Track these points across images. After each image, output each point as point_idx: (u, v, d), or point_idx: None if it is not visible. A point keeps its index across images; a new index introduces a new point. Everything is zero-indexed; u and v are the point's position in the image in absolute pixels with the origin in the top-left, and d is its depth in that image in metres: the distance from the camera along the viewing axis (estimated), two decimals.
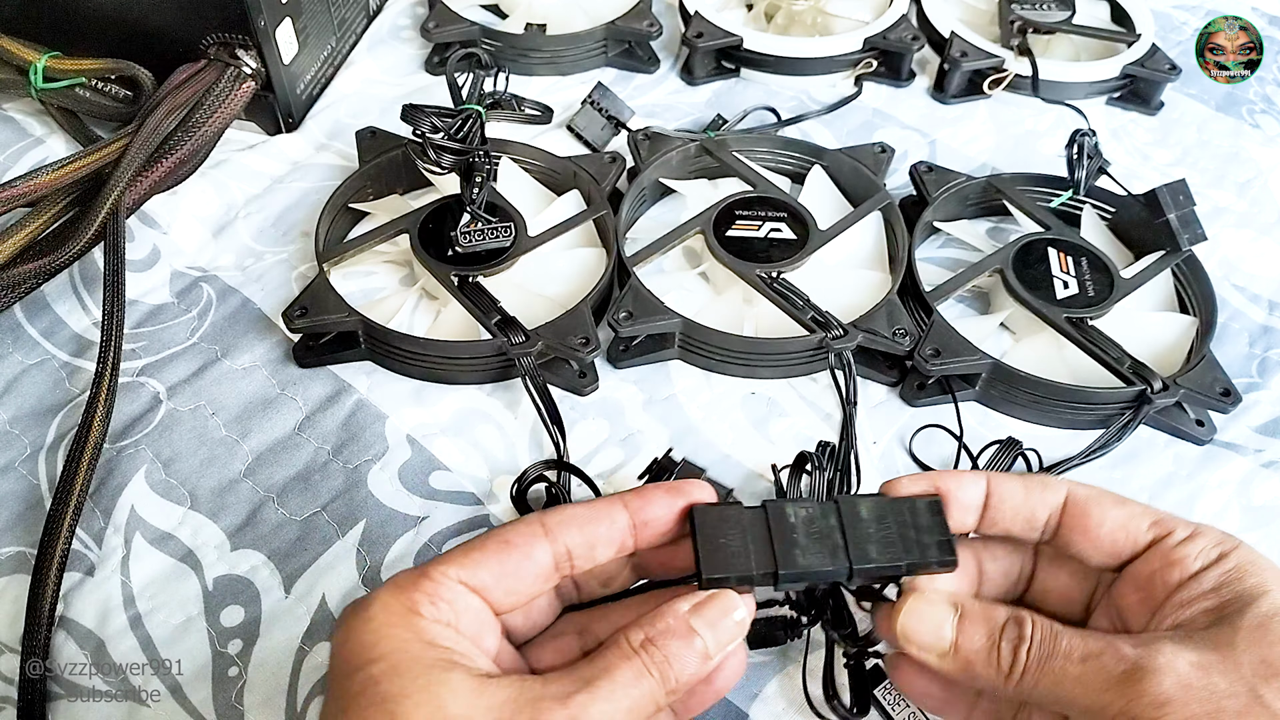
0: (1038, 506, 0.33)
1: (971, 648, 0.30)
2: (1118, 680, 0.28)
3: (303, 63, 0.60)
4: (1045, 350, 0.50)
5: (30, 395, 0.47)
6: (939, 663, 0.31)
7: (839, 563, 0.31)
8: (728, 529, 0.31)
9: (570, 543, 0.31)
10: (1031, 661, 0.29)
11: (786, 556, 0.30)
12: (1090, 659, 0.29)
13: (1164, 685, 0.27)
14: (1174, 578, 0.31)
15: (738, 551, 0.31)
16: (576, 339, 0.46)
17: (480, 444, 0.46)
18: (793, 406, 0.49)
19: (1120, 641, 0.29)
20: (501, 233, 0.51)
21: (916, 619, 0.31)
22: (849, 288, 0.51)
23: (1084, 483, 0.33)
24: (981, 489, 0.33)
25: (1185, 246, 0.51)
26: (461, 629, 0.29)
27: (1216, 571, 0.30)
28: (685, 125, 0.62)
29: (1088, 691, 0.28)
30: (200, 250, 0.54)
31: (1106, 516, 0.32)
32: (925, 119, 0.64)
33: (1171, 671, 0.27)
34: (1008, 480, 0.33)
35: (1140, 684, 0.27)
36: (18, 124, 0.60)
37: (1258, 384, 0.51)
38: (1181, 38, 0.72)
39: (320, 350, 0.49)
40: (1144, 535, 0.32)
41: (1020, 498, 0.33)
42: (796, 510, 0.31)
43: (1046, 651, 0.29)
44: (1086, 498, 0.32)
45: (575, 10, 0.67)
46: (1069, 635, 0.30)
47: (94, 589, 0.41)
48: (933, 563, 0.31)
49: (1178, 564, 0.31)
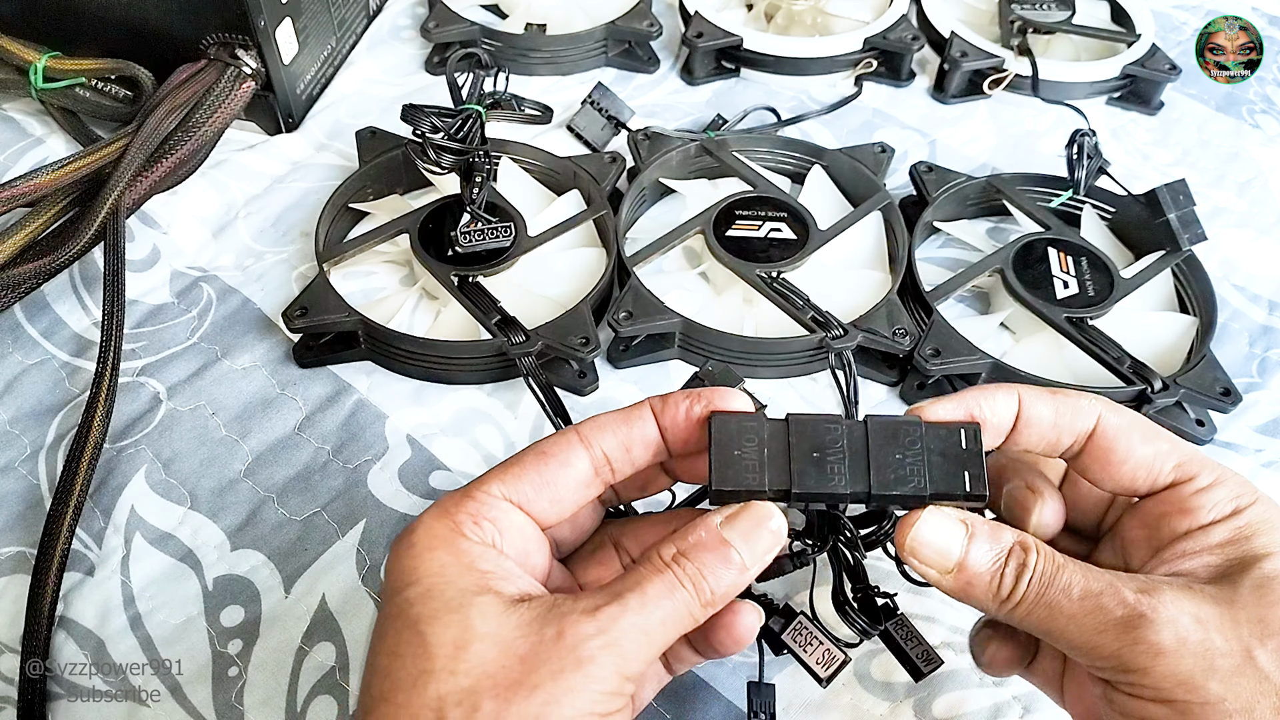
0: (1065, 432, 0.31)
1: (975, 569, 0.29)
2: (1115, 624, 0.28)
3: (303, 63, 0.60)
4: (1045, 350, 0.50)
5: (30, 395, 0.47)
6: (938, 578, 0.30)
7: (857, 485, 0.29)
8: (745, 440, 0.30)
9: (606, 447, 0.31)
10: (1030, 592, 0.29)
11: (803, 474, 0.29)
12: (1088, 597, 0.28)
13: (1162, 635, 0.27)
14: (1183, 526, 0.30)
15: (752, 464, 0.29)
16: (576, 339, 0.46)
17: (480, 444, 0.46)
18: (793, 406, 0.49)
19: (1121, 584, 0.28)
20: (501, 233, 0.51)
21: (929, 531, 0.29)
22: (849, 288, 0.51)
23: (1119, 407, 0.31)
24: (1012, 409, 0.31)
25: (1186, 246, 0.51)
26: (506, 549, 0.29)
27: (1227, 526, 0.30)
28: (685, 125, 0.62)
29: (1081, 630, 0.28)
30: (200, 250, 0.54)
31: (1133, 453, 0.31)
32: (925, 119, 0.64)
33: (1171, 624, 0.27)
34: (1039, 400, 0.31)
35: (1137, 630, 0.27)
36: (18, 124, 0.60)
37: (1258, 384, 0.51)
38: (1181, 38, 0.72)
39: (320, 350, 0.49)
40: (1165, 477, 0.31)
41: (1049, 422, 0.31)
42: (821, 426, 0.30)
43: (1047, 582, 0.29)
44: (1116, 429, 0.31)
45: (575, 10, 0.67)
46: (1070, 570, 0.29)
47: (94, 589, 0.41)
48: (960, 495, 0.29)
49: (1190, 513, 0.30)
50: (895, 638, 0.34)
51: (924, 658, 0.34)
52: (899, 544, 0.30)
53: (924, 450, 0.30)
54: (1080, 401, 0.31)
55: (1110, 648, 0.28)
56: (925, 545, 0.29)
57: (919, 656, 0.34)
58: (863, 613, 0.34)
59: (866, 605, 0.35)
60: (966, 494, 0.29)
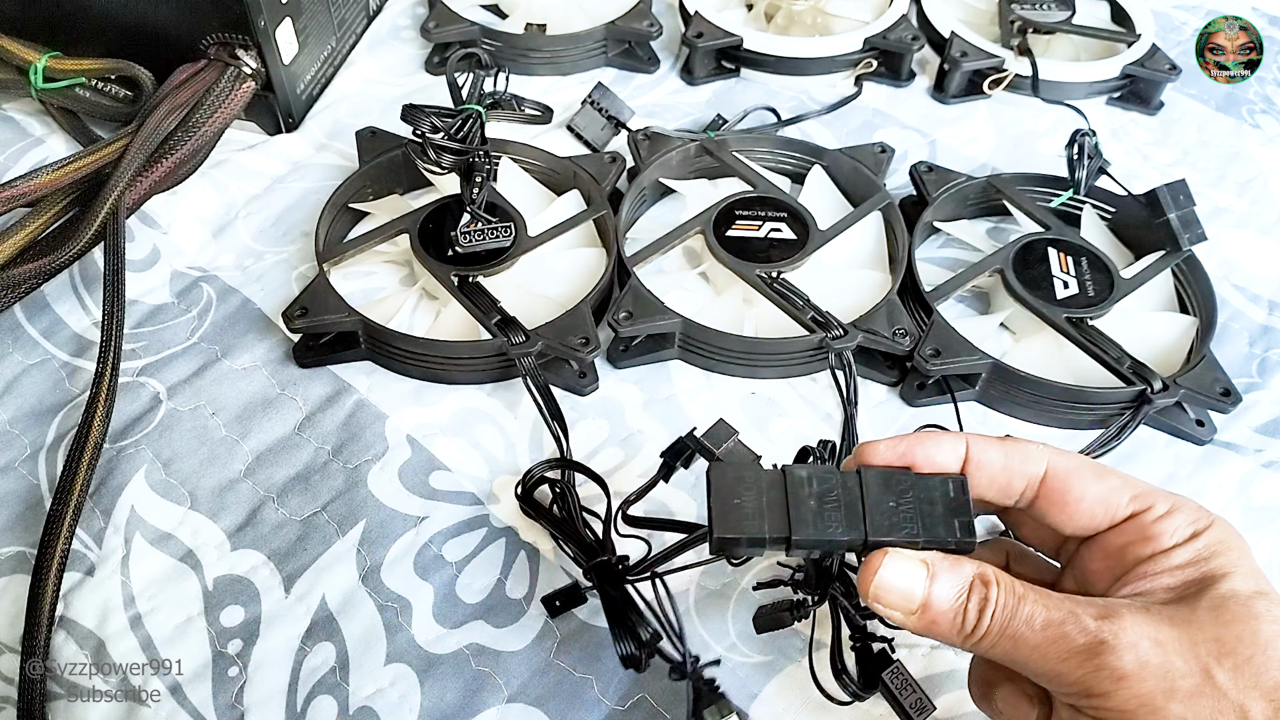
0: (1015, 477, 0.32)
1: (939, 608, 0.30)
2: (1078, 651, 0.28)
3: (303, 63, 0.60)
4: (1045, 350, 0.50)
5: (30, 395, 0.47)
6: (903, 620, 0.30)
7: (854, 533, 0.30)
8: (743, 489, 0.30)
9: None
10: (994, 625, 0.29)
11: (801, 523, 0.30)
12: (1051, 627, 0.29)
13: (1123, 660, 0.28)
14: (1145, 551, 0.31)
15: (752, 513, 0.30)
16: (576, 339, 0.46)
17: (480, 444, 0.46)
18: (793, 406, 0.49)
19: (1082, 611, 0.29)
20: (501, 233, 0.51)
21: (891, 575, 0.30)
22: (849, 288, 0.51)
23: (1065, 451, 0.33)
24: (959, 453, 0.32)
25: (1186, 246, 0.51)
26: None
27: (1187, 550, 0.31)
28: (685, 125, 0.62)
29: (1045, 659, 0.29)
30: (200, 250, 0.54)
31: (1087, 492, 0.32)
32: (925, 119, 0.64)
33: (1132, 649, 0.28)
34: (988, 447, 0.32)
35: (1100, 658, 0.28)
36: (18, 124, 0.60)
37: (1258, 384, 0.51)
38: (1181, 38, 0.72)
39: (320, 350, 0.49)
40: (1123, 510, 0.32)
41: (999, 466, 0.32)
42: (815, 477, 0.31)
43: (1009, 615, 0.29)
44: (1067, 471, 0.32)
45: (575, 10, 0.67)
46: (1031, 600, 0.30)
47: (94, 589, 0.41)
48: (950, 542, 0.30)
49: (1152, 539, 0.31)
50: (890, 688, 0.35)
51: (916, 707, 0.35)
52: (862, 589, 0.30)
53: (916, 499, 0.31)
54: (1029, 448, 0.32)
55: (1074, 675, 0.28)
56: (888, 590, 0.30)
57: (912, 706, 0.35)
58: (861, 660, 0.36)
59: (864, 655, 0.36)
60: (957, 540, 0.30)
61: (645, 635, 0.36)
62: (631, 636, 0.36)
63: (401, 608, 0.41)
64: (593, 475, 0.42)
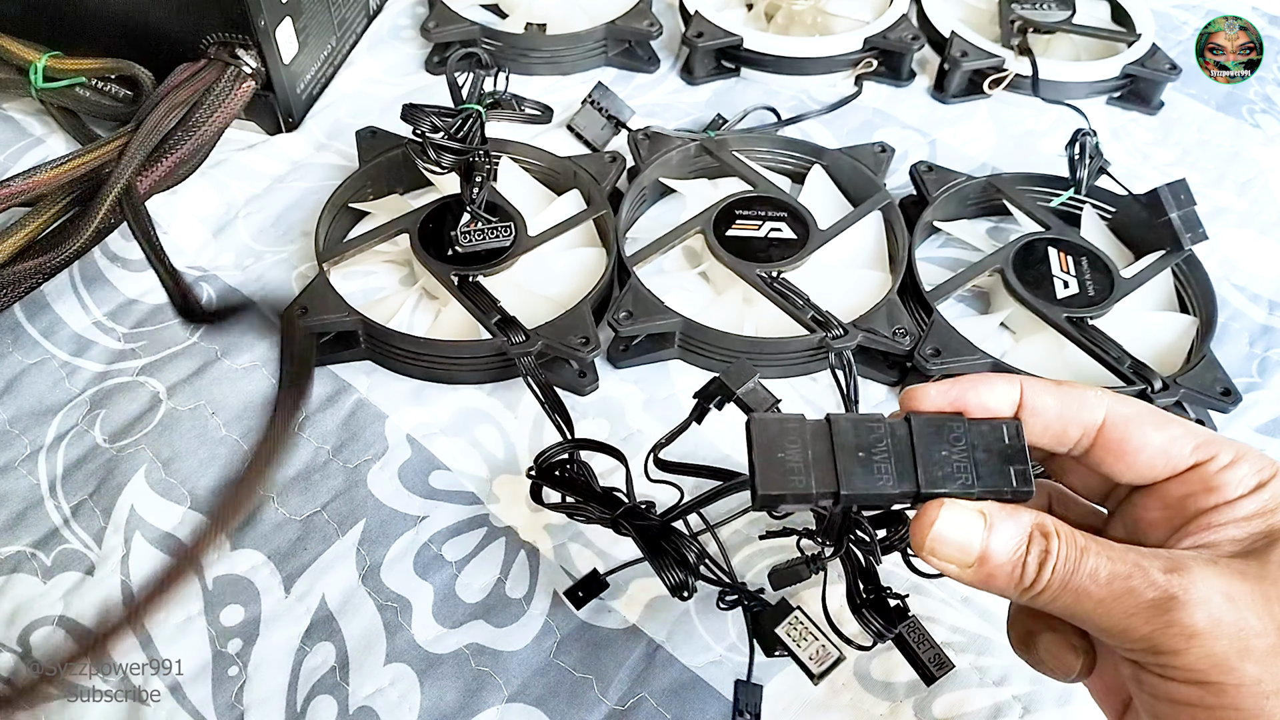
0: (1071, 424, 0.30)
1: (997, 560, 0.28)
2: (1146, 607, 0.27)
3: (303, 62, 0.60)
4: (1045, 350, 0.50)
5: (30, 395, 0.47)
6: (959, 574, 0.29)
7: (905, 485, 0.28)
8: (788, 442, 0.29)
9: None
10: (1055, 579, 0.28)
11: (850, 475, 0.28)
12: (1116, 580, 0.27)
13: (1195, 617, 0.26)
14: (1209, 502, 0.29)
15: (797, 467, 0.28)
16: (576, 339, 0.46)
17: (480, 444, 0.46)
18: (793, 406, 0.49)
19: (1149, 563, 0.27)
20: (501, 232, 0.51)
21: (947, 527, 0.28)
22: (849, 287, 0.51)
23: (1125, 397, 0.31)
24: (1013, 398, 0.30)
25: (1187, 246, 0.51)
26: None
27: (1253, 500, 0.29)
28: (685, 125, 0.62)
29: (1110, 615, 0.27)
30: (200, 250, 0.54)
31: (1148, 441, 0.30)
32: (925, 119, 0.64)
33: (1204, 604, 0.26)
34: (1043, 391, 0.30)
35: (1170, 613, 0.26)
36: (18, 124, 0.60)
37: (1258, 384, 0.51)
38: (1181, 38, 0.72)
39: (320, 350, 0.49)
40: (1186, 460, 0.30)
41: (1054, 412, 0.30)
42: (864, 425, 0.29)
43: (1071, 569, 0.28)
44: (1127, 419, 0.30)
45: (575, 10, 0.67)
46: (1095, 552, 0.28)
47: (94, 588, 0.41)
48: (1007, 492, 0.29)
49: (1216, 489, 0.29)
50: (908, 641, 0.34)
51: (935, 661, 0.34)
52: (916, 542, 0.29)
53: (969, 447, 0.29)
54: (1086, 394, 0.31)
55: (1141, 631, 0.27)
56: (945, 542, 0.28)
57: (931, 660, 0.34)
58: (877, 614, 0.34)
59: (879, 607, 0.34)
60: (1014, 490, 0.29)
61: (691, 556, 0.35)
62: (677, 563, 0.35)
63: (401, 607, 0.41)
64: (610, 450, 0.41)
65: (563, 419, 0.44)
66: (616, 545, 0.42)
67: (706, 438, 0.47)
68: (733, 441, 0.47)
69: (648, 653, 0.40)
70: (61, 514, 0.43)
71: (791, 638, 0.35)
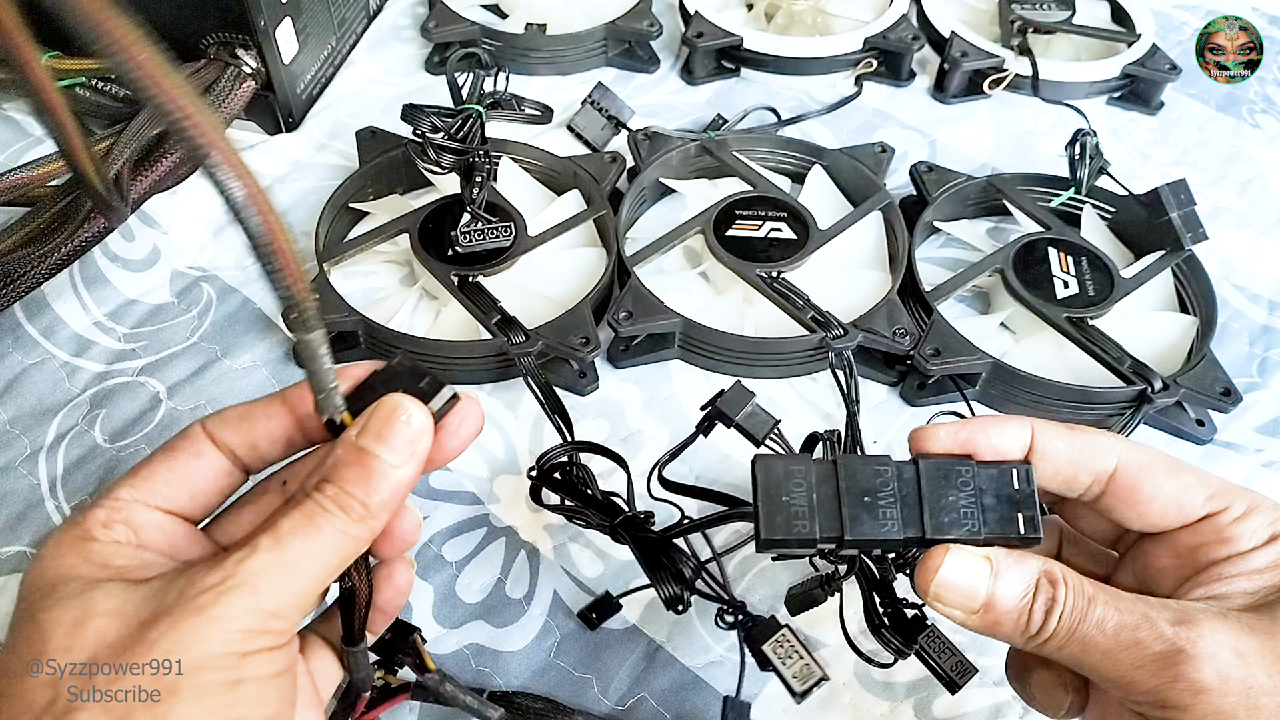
0: (1082, 470, 0.30)
1: (1003, 608, 0.28)
2: (1153, 659, 0.26)
3: (303, 62, 0.60)
4: (1045, 350, 0.50)
5: (30, 395, 0.47)
6: (964, 620, 0.28)
7: (910, 530, 0.28)
8: (792, 485, 0.28)
9: (230, 442, 0.29)
10: (1061, 628, 0.28)
11: (855, 520, 0.28)
12: (1123, 631, 0.27)
13: (1203, 672, 0.26)
14: (1221, 554, 0.29)
15: (801, 511, 0.28)
16: (576, 339, 0.46)
17: (480, 444, 0.46)
18: (793, 406, 0.49)
19: (1157, 614, 0.27)
20: (501, 233, 0.51)
21: (953, 573, 0.28)
22: (849, 288, 0.51)
23: (1138, 444, 0.30)
24: (1024, 441, 0.30)
25: (1188, 246, 0.51)
26: (146, 542, 0.28)
27: (1266, 553, 0.29)
28: (685, 125, 0.62)
29: (1116, 666, 0.27)
30: (200, 250, 0.54)
31: (1160, 490, 0.30)
32: (925, 119, 0.64)
33: (1212, 659, 0.26)
34: (1054, 435, 0.30)
35: (1178, 667, 0.26)
36: (18, 124, 0.60)
37: (1258, 384, 0.51)
38: (1181, 38, 0.72)
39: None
40: (1199, 509, 0.30)
41: (1065, 458, 0.30)
42: (870, 469, 0.29)
43: (1078, 618, 0.27)
44: (1139, 466, 0.30)
45: (575, 10, 0.67)
46: (1102, 601, 0.27)
47: None
48: (1014, 538, 0.28)
49: (1229, 541, 0.29)
50: (928, 652, 0.34)
51: (958, 669, 0.34)
52: (920, 587, 0.29)
53: (977, 491, 0.28)
54: (1099, 439, 0.30)
55: (1148, 684, 0.27)
56: (950, 589, 0.28)
57: (953, 669, 0.34)
58: (895, 628, 0.34)
59: (897, 620, 0.34)
60: (1021, 537, 0.28)
61: (688, 571, 0.35)
62: (674, 576, 0.35)
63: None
64: (610, 454, 0.41)
65: (563, 419, 0.44)
66: (617, 546, 0.42)
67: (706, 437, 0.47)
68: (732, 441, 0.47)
69: (648, 653, 0.40)
70: (62, 514, 0.43)
71: (778, 655, 0.35)
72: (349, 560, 0.27)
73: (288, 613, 0.26)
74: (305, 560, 0.26)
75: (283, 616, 0.26)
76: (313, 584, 0.26)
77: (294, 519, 0.26)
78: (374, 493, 0.27)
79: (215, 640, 0.24)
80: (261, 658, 0.25)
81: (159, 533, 0.28)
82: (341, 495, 0.27)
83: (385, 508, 0.27)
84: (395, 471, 0.27)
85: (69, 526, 0.27)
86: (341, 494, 0.27)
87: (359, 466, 0.27)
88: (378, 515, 0.27)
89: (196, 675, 0.24)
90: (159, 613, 0.25)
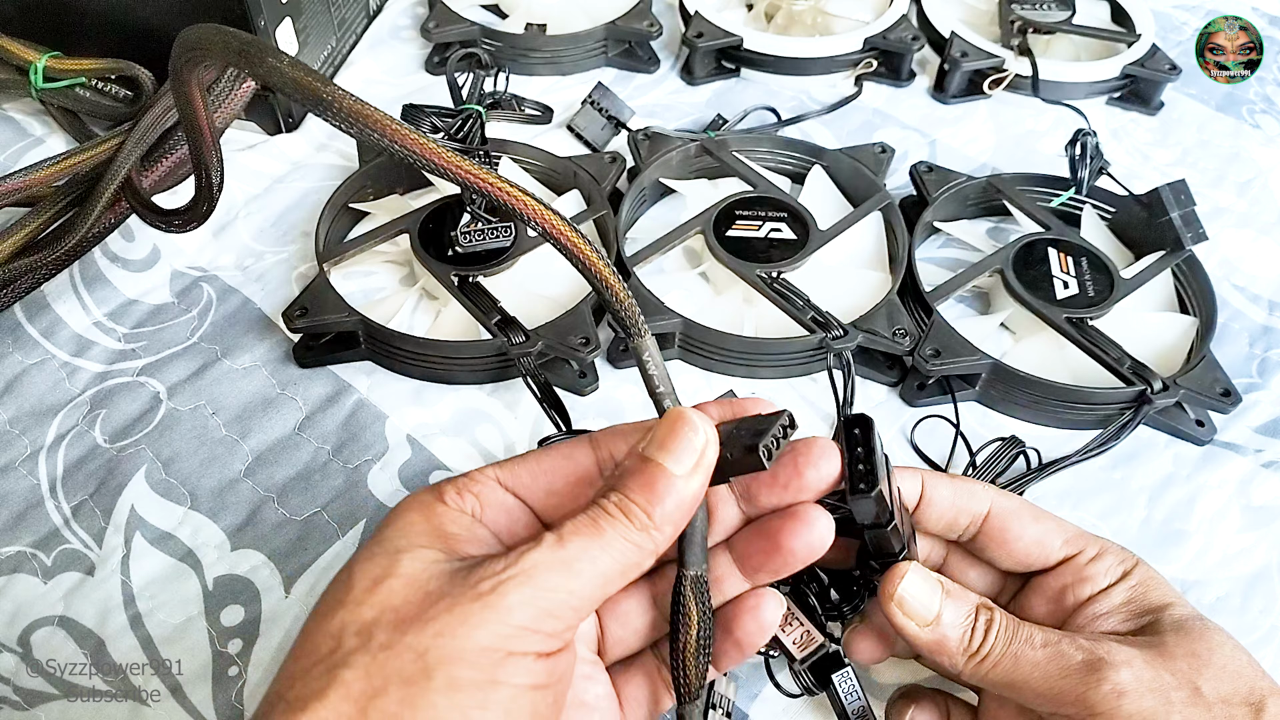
0: (961, 513, 0.34)
1: (952, 622, 0.32)
2: (1077, 668, 0.30)
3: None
4: (1045, 350, 0.50)
5: (30, 395, 0.47)
6: (917, 632, 0.32)
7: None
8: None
9: (615, 450, 0.31)
10: (998, 643, 0.31)
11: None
12: (1050, 645, 0.31)
13: (1123, 675, 0.29)
14: (1085, 592, 0.33)
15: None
16: (576, 339, 0.46)
17: (480, 444, 0.46)
18: (793, 406, 0.48)
19: (1072, 636, 0.31)
20: (501, 233, 0.51)
21: (915, 586, 0.32)
22: (849, 288, 0.51)
23: (1007, 493, 0.35)
24: (917, 489, 0.34)
25: (1188, 246, 0.51)
26: (486, 521, 0.29)
27: (1124, 587, 0.33)
28: (685, 125, 0.62)
29: (1046, 676, 0.30)
30: (200, 250, 0.54)
31: (1025, 532, 0.34)
32: (925, 119, 0.64)
33: (1127, 665, 0.30)
34: (940, 484, 0.34)
35: (1099, 673, 0.30)
36: (18, 124, 0.60)
37: (1258, 384, 0.51)
38: (1181, 38, 0.72)
39: (320, 350, 0.49)
40: (1056, 552, 0.34)
41: (947, 502, 0.34)
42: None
43: (1011, 635, 0.32)
44: (1007, 512, 0.34)
45: (575, 10, 0.67)
46: (1028, 625, 0.32)
47: (94, 589, 0.41)
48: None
49: (1088, 580, 0.33)
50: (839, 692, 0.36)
51: (859, 714, 0.36)
52: (885, 594, 0.32)
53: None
54: (974, 487, 0.35)
55: (1075, 691, 0.30)
56: (911, 598, 0.32)
57: (855, 713, 0.36)
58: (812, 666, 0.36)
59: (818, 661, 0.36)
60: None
61: None
62: None
63: None
64: None
65: (563, 420, 0.44)
66: None
67: None
68: None
69: None
70: (62, 514, 0.43)
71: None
72: (629, 573, 0.28)
73: (561, 613, 0.27)
74: (584, 560, 0.27)
75: (556, 616, 0.26)
76: (590, 587, 0.27)
77: (579, 520, 0.28)
78: (657, 501, 0.28)
79: (484, 630, 0.25)
80: (523, 662, 0.26)
81: (502, 513, 0.30)
82: (625, 502, 0.28)
83: (669, 520, 0.28)
84: (680, 481, 0.28)
85: (431, 487, 0.30)
86: (625, 500, 0.28)
87: (643, 475, 0.28)
88: (661, 527, 0.28)
89: (455, 667, 0.25)
90: (446, 590, 0.26)
